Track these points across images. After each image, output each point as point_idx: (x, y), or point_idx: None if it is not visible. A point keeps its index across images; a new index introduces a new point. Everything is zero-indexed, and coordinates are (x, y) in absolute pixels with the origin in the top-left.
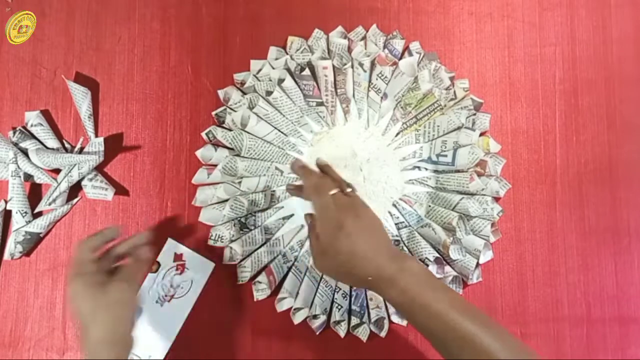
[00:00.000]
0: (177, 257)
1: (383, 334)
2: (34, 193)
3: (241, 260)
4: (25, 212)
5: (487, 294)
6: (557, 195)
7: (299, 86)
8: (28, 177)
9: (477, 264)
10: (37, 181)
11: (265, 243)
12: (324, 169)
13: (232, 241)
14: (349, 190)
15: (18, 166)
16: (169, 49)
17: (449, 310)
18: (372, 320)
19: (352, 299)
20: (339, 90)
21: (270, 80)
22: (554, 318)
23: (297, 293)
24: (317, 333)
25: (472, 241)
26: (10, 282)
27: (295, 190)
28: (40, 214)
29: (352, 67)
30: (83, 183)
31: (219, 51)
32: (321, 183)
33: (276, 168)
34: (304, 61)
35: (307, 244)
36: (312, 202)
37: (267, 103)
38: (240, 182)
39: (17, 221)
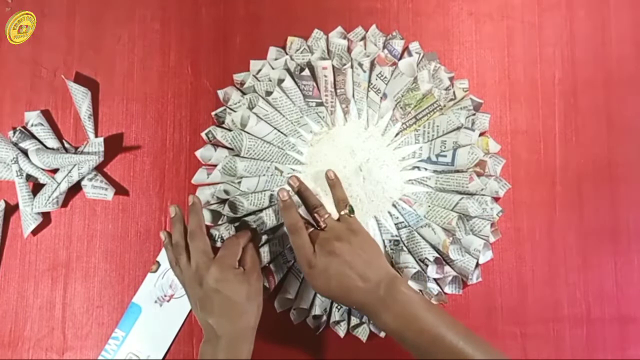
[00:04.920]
0: None
1: (383, 334)
2: (37, 193)
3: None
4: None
5: (486, 294)
6: (556, 196)
7: (298, 86)
8: (29, 176)
9: (477, 264)
10: (41, 182)
11: (265, 243)
12: (304, 194)
13: None
14: (343, 212)
15: (20, 167)
16: (168, 49)
17: (445, 333)
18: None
19: None
20: (338, 91)
21: (270, 81)
22: (553, 318)
23: (297, 293)
24: (317, 333)
25: (472, 241)
26: (9, 282)
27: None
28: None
29: (352, 67)
30: (83, 183)
31: (218, 51)
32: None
33: (276, 168)
34: (304, 61)
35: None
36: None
37: (266, 103)
38: (240, 182)
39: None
